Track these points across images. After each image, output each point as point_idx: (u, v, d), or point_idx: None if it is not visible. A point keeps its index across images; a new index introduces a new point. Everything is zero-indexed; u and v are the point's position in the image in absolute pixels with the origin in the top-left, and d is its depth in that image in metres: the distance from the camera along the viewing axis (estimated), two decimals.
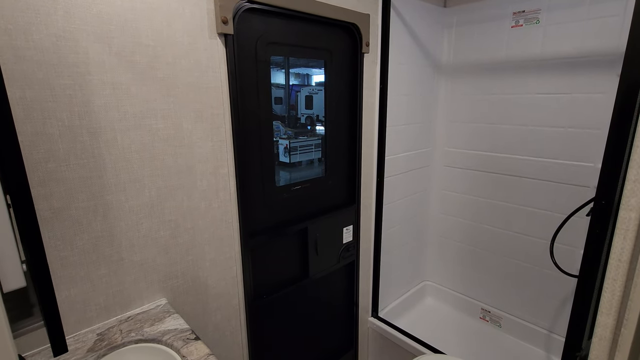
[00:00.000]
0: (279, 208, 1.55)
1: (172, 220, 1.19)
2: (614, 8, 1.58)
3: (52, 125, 0.92)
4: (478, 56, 2.07)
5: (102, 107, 0.99)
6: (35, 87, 0.88)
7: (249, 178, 1.40)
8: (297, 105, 1.62)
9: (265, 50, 1.35)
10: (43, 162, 0.92)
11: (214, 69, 1.21)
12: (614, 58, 1.62)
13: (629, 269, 0.88)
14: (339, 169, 1.77)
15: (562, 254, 1.91)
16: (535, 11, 1.80)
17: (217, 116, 1.24)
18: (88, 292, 1.05)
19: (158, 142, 1.12)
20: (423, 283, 2.59)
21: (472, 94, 2.14)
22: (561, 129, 1.83)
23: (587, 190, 1.78)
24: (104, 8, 0.96)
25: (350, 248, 1.91)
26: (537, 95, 1.88)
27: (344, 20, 1.56)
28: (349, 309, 2.03)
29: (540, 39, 1.82)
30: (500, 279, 2.22)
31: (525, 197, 2.01)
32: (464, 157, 2.25)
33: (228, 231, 1.36)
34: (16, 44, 0.85)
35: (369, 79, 1.77)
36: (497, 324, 2.26)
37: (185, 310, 1.29)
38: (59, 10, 0.89)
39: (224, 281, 1.38)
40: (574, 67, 1.74)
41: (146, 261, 1.16)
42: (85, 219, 1.01)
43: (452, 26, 2.15)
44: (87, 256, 1.03)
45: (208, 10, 1.15)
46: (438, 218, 2.48)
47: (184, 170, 1.19)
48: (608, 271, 0.89)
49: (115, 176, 1.05)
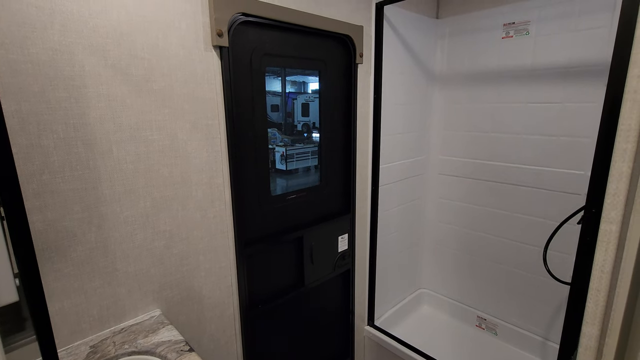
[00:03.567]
0: (275, 217, 1.55)
1: (166, 231, 1.20)
2: (601, 20, 1.62)
3: (47, 137, 0.93)
4: (471, 66, 2.11)
5: (98, 119, 1.00)
6: (31, 100, 0.89)
7: (244, 188, 1.41)
8: (293, 112, 1.63)
9: (260, 61, 1.37)
10: (37, 174, 0.92)
11: (209, 81, 1.22)
12: (603, 68, 1.66)
13: (611, 280, 0.89)
14: (334, 178, 1.78)
15: (555, 261, 1.92)
16: (525, 23, 1.84)
17: (212, 127, 1.25)
18: (82, 304, 1.05)
19: (153, 153, 1.12)
20: (419, 291, 2.59)
21: (466, 102, 2.17)
22: (553, 137, 1.85)
23: (578, 197, 1.80)
24: (100, 22, 0.97)
25: (346, 256, 1.91)
26: (529, 105, 1.91)
27: (338, 32, 1.59)
28: (344, 317, 2.02)
29: (530, 49, 1.85)
30: (495, 286, 2.23)
31: (519, 205, 2.03)
32: (458, 165, 2.27)
33: (223, 241, 1.36)
34: (13, 57, 0.86)
35: (363, 88, 1.80)
36: (492, 331, 2.27)
37: (180, 320, 1.29)
38: (55, 25, 0.90)
39: (218, 291, 1.38)
40: (564, 77, 1.77)
41: (140, 272, 1.16)
42: (80, 231, 1.01)
43: (445, 37, 2.19)
44: (81, 268, 1.03)
45: (203, 23, 1.17)
46: (433, 226, 2.49)
47: (179, 181, 1.20)
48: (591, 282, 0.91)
49: (110, 187, 1.05)
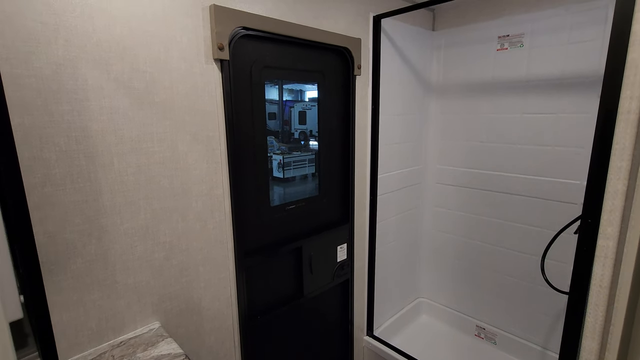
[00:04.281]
0: (274, 227, 1.55)
1: (166, 242, 1.20)
2: (592, 33, 1.66)
3: (50, 150, 0.93)
4: (466, 77, 2.14)
5: (100, 132, 1.01)
6: (34, 113, 0.90)
7: (243, 198, 1.41)
8: (290, 120, 1.65)
9: (260, 74, 1.39)
10: (39, 187, 0.93)
11: (210, 93, 1.24)
12: (595, 80, 1.69)
13: (609, 295, 0.90)
14: (333, 188, 1.79)
15: (553, 270, 1.93)
16: (519, 35, 1.88)
17: (212, 138, 1.26)
18: (80, 317, 1.04)
19: (154, 165, 1.13)
20: (418, 300, 2.59)
21: (462, 113, 2.20)
22: (548, 147, 1.88)
23: (574, 207, 1.82)
24: (103, 36, 0.99)
25: (345, 266, 1.91)
26: (524, 115, 1.94)
27: (336, 45, 1.61)
28: (343, 328, 2.02)
29: (525, 61, 1.89)
30: (494, 295, 2.23)
31: (516, 214, 2.05)
32: (455, 174, 2.29)
33: (223, 251, 1.36)
34: (17, 72, 0.87)
35: (361, 99, 1.82)
36: (492, 341, 2.26)
37: (179, 333, 1.28)
38: (59, 40, 0.92)
39: (218, 302, 1.38)
40: (558, 88, 1.81)
41: (140, 284, 1.15)
42: (80, 243, 1.01)
43: (441, 49, 2.23)
44: (81, 280, 1.03)
45: (205, 37, 1.19)
46: (431, 235, 2.50)
47: (180, 192, 1.20)
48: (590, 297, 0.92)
49: (111, 199, 1.06)
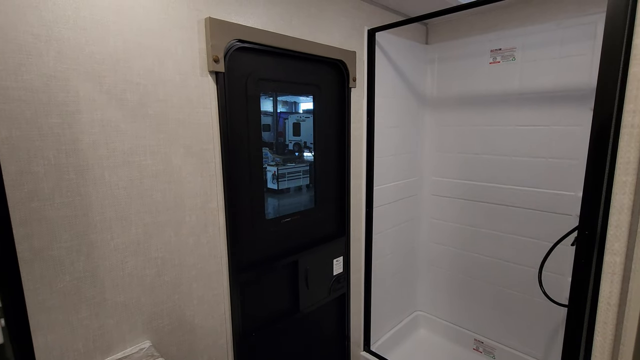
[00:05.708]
0: (269, 241, 1.52)
1: (158, 258, 1.16)
2: (582, 48, 1.70)
3: (38, 163, 0.91)
4: (460, 90, 2.16)
5: (91, 145, 0.99)
6: (23, 126, 0.88)
7: (238, 212, 1.39)
8: (284, 132, 1.64)
9: (255, 86, 1.38)
10: (26, 201, 0.90)
11: (205, 106, 1.22)
12: (586, 93, 1.72)
13: (618, 312, 0.89)
14: (329, 201, 1.78)
15: (551, 282, 1.92)
16: (511, 49, 1.91)
17: (207, 151, 1.24)
18: (66, 338, 1.00)
19: (147, 178, 1.10)
20: (415, 313, 2.55)
21: (456, 125, 2.21)
22: (542, 159, 1.89)
23: (569, 218, 1.82)
24: (96, 48, 0.97)
25: (341, 280, 1.88)
26: (517, 127, 1.96)
27: (331, 58, 1.62)
28: (340, 343, 1.97)
29: (517, 74, 1.92)
30: (492, 308, 2.21)
31: (512, 225, 2.05)
32: (451, 186, 2.29)
33: (217, 267, 1.32)
34: (5, 84, 0.84)
35: (356, 112, 1.82)
36: (490, 355, 2.23)
37: (171, 352, 1.23)
38: (51, 51, 0.90)
39: (211, 319, 1.33)
40: (550, 101, 1.83)
41: (130, 301, 1.11)
42: (68, 259, 0.98)
43: (435, 62, 2.26)
44: (68, 299, 0.99)
45: (200, 50, 1.18)
46: (428, 247, 2.48)
47: (172, 206, 1.18)
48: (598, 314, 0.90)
49: (101, 214, 1.03)
